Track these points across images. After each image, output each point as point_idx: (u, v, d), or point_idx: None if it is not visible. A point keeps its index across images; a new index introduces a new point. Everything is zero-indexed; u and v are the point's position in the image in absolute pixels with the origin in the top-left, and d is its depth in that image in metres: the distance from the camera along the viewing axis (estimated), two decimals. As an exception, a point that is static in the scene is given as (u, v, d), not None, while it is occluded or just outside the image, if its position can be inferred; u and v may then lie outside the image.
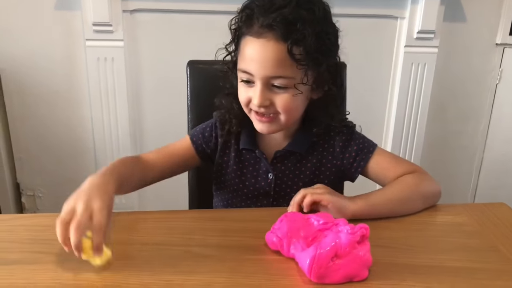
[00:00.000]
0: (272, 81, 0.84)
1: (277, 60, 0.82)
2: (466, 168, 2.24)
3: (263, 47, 0.82)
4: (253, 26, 0.83)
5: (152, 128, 1.94)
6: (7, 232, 0.79)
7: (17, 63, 1.79)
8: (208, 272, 0.68)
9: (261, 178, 0.97)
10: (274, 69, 0.82)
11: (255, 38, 0.82)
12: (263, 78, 0.83)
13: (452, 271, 0.70)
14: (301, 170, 0.97)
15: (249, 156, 0.98)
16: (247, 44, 0.84)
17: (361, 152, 0.95)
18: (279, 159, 0.96)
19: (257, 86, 0.84)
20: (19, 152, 1.92)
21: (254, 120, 0.90)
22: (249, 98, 0.87)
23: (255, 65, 0.83)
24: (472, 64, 2.05)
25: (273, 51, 0.81)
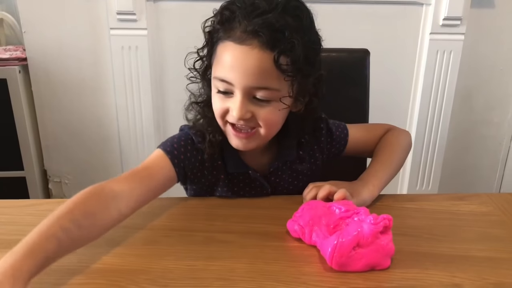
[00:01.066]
0: (254, 92, 0.75)
1: (261, 70, 0.73)
2: (492, 158, 2.19)
3: (246, 55, 0.73)
4: (233, 30, 0.74)
5: (175, 115, 1.94)
6: (36, 217, 0.80)
7: (44, 53, 1.83)
8: (230, 258, 0.69)
9: (255, 192, 0.92)
10: (258, 80, 0.74)
11: (236, 44, 0.74)
12: (244, 88, 0.75)
13: (476, 261, 0.70)
14: (294, 176, 0.94)
15: (242, 177, 0.90)
16: (226, 50, 0.75)
17: (339, 138, 0.97)
18: (273, 173, 0.91)
19: (236, 96, 0.75)
20: (46, 140, 1.96)
21: (230, 134, 0.81)
22: (226, 109, 0.78)
23: (236, 74, 0.74)
24: (500, 52, 1.99)
25: (258, 59, 0.73)
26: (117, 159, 1.99)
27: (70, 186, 2.04)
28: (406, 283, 0.64)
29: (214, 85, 0.79)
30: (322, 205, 0.77)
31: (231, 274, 0.65)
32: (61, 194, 2.04)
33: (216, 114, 0.81)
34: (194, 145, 0.86)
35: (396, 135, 0.98)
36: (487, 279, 0.65)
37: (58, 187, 2.05)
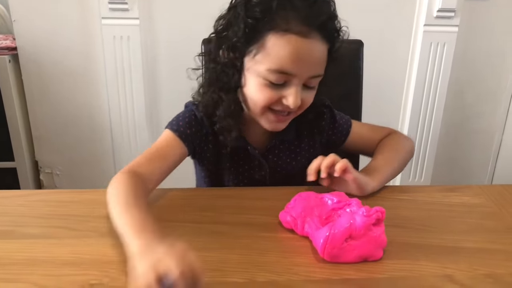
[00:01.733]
0: (308, 80, 0.81)
1: (321, 60, 0.80)
2: (484, 151, 2.21)
3: (311, 48, 0.77)
4: (290, 22, 0.75)
5: (168, 105, 1.94)
6: (27, 207, 0.80)
7: (35, 42, 1.80)
8: (222, 248, 0.69)
9: (254, 171, 0.95)
10: (317, 69, 0.81)
11: (300, 37, 0.75)
12: (305, 78, 0.80)
13: (468, 252, 0.70)
14: (292, 157, 0.96)
15: (241, 152, 0.93)
16: (288, 43, 0.75)
17: (342, 128, 0.99)
18: (270, 150, 0.94)
19: (293, 86, 0.79)
20: (37, 130, 1.94)
21: (269, 120, 0.85)
22: (275, 99, 0.80)
23: (301, 66, 0.77)
24: (494, 44, 2.00)
25: (320, 51, 0.79)
26: (109, 149, 1.98)
27: (62, 177, 2.03)
28: (398, 274, 0.65)
29: (263, 77, 0.79)
30: (315, 196, 0.77)
31: (223, 265, 0.65)
32: (52, 185, 2.03)
33: (260, 104, 0.82)
34: (198, 120, 0.90)
35: (401, 139, 0.98)
36: (478, 269, 0.66)
37: (49, 178, 2.03)
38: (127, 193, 0.73)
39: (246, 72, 0.82)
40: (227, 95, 0.86)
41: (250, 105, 0.85)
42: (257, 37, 0.78)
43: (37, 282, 0.61)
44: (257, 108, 0.83)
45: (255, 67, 0.80)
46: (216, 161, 0.94)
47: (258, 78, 0.80)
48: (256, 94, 0.82)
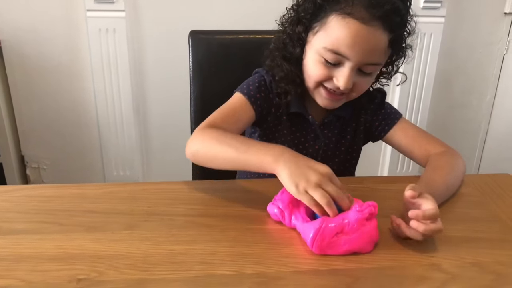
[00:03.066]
0: (363, 66, 0.82)
1: (378, 49, 0.81)
2: (471, 140, 2.23)
3: (370, 35, 0.78)
4: (354, 6, 0.77)
5: (155, 98, 1.93)
6: (12, 203, 0.79)
7: (18, 35, 1.78)
8: (211, 241, 0.69)
9: (309, 144, 0.98)
10: (373, 57, 0.81)
11: (360, 23, 0.77)
12: (358, 63, 0.81)
13: (455, 241, 0.71)
14: (342, 135, 0.99)
15: (299, 120, 0.96)
16: (347, 27, 0.78)
17: (388, 117, 0.98)
18: (326, 124, 0.97)
19: (346, 68, 0.81)
20: (23, 125, 1.92)
21: (320, 95, 0.88)
22: (328, 77, 0.84)
23: (356, 51, 0.79)
24: (480, 34, 2.01)
25: (379, 40, 0.79)
26: (96, 143, 1.96)
27: (48, 172, 2.01)
28: (386, 264, 0.65)
29: (319, 54, 0.83)
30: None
31: (211, 257, 0.65)
32: (39, 180, 2.01)
33: (313, 78, 0.86)
34: (266, 85, 0.94)
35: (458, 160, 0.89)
36: (464, 258, 0.67)
37: (36, 173, 2.01)
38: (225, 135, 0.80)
39: (307, 47, 0.87)
40: (289, 65, 0.89)
41: (306, 80, 0.89)
42: (321, 15, 0.82)
43: (24, 278, 0.60)
44: (311, 83, 0.87)
45: (314, 43, 0.84)
46: (275, 126, 0.97)
47: (315, 54, 0.84)
48: (311, 69, 0.86)
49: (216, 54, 1.14)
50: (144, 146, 2.01)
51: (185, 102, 1.25)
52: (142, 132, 1.98)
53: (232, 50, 1.14)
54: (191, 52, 1.15)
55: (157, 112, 1.95)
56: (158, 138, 2.00)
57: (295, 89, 0.91)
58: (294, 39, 0.88)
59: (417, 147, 0.94)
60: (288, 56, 0.90)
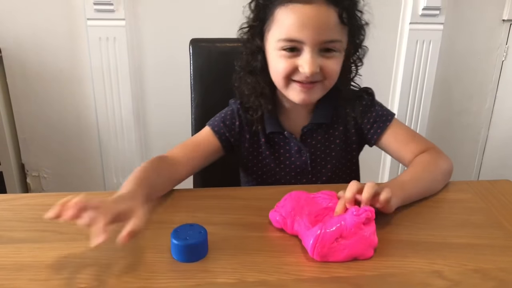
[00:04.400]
0: (323, 46, 0.83)
1: (329, 25, 0.82)
2: (471, 146, 2.23)
3: (315, 12, 0.80)
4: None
5: (155, 107, 1.93)
6: (12, 212, 0.79)
7: (19, 43, 1.78)
8: (212, 249, 0.68)
9: (295, 158, 0.97)
10: (327, 34, 0.82)
11: (302, 4, 0.80)
12: (316, 43, 0.82)
13: (456, 248, 0.70)
14: (331, 140, 0.97)
15: (278, 138, 0.97)
16: (292, 12, 0.81)
17: (380, 119, 0.96)
18: (307, 134, 0.96)
19: (306, 53, 0.82)
20: (23, 133, 1.92)
21: (294, 91, 0.87)
22: (293, 68, 0.84)
23: (308, 31, 0.80)
24: (478, 41, 2.02)
25: (326, 16, 0.81)
26: (96, 151, 1.96)
27: (49, 180, 2.01)
28: (387, 271, 0.65)
29: (277, 48, 0.84)
30: (305, 195, 0.76)
31: (213, 265, 0.65)
32: (40, 188, 2.01)
33: (280, 75, 0.86)
34: (235, 115, 0.96)
35: (438, 158, 0.91)
36: (466, 265, 0.66)
37: (36, 181, 2.01)
38: (143, 167, 0.81)
39: (267, 52, 0.89)
40: (255, 77, 0.91)
41: (275, 81, 0.89)
42: (268, 15, 0.85)
43: (25, 287, 0.60)
44: (280, 81, 0.87)
45: (270, 42, 0.86)
46: (256, 150, 0.98)
47: (274, 51, 0.85)
48: (275, 67, 0.86)
49: (216, 62, 1.14)
50: (144, 153, 2.01)
51: (185, 110, 1.26)
52: (143, 140, 1.98)
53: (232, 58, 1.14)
54: (191, 60, 1.15)
55: (158, 120, 1.95)
56: (158, 146, 2.00)
57: (266, 103, 0.92)
58: (254, 51, 0.90)
59: (407, 152, 0.94)
60: (252, 70, 0.92)
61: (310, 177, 0.98)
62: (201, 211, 0.80)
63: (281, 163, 0.98)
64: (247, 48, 0.91)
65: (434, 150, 0.93)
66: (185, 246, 0.65)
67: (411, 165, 0.90)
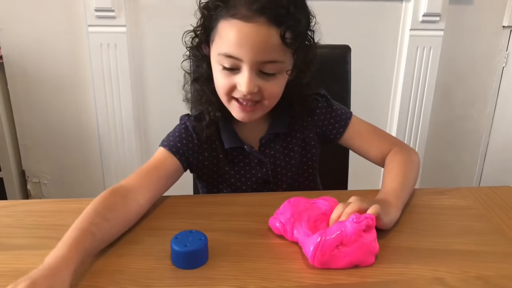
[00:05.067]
0: (262, 66, 0.79)
1: (269, 45, 0.77)
2: (472, 152, 2.23)
3: (254, 32, 0.76)
4: (237, 7, 0.76)
5: (156, 112, 1.93)
6: (13, 218, 0.79)
7: (21, 50, 1.79)
8: (213, 256, 0.68)
9: (255, 170, 0.95)
10: (266, 54, 0.77)
11: (243, 22, 0.76)
12: (253, 63, 0.78)
13: (458, 254, 0.70)
14: (290, 148, 0.96)
15: (237, 152, 0.94)
16: (232, 28, 0.77)
17: (340, 118, 0.96)
18: (265, 145, 0.94)
19: (244, 72, 0.78)
20: (24, 139, 1.92)
21: (235, 109, 0.84)
22: (232, 85, 0.81)
23: (245, 50, 0.76)
24: (478, 47, 2.02)
25: (266, 35, 0.76)
26: (97, 157, 1.96)
27: (49, 186, 2.01)
28: (389, 278, 0.64)
29: (218, 62, 0.81)
30: (304, 201, 0.76)
31: (213, 272, 0.65)
32: (40, 195, 2.01)
33: (220, 91, 0.83)
34: (190, 132, 0.91)
35: (408, 154, 0.92)
36: (468, 272, 0.66)
37: (37, 188, 2.01)
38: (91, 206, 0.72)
39: (211, 62, 0.85)
40: (200, 84, 0.89)
41: (219, 95, 0.86)
42: (212, 25, 0.81)
43: (24, 294, 0.60)
44: (222, 96, 0.85)
45: (213, 54, 0.83)
46: (215, 165, 0.95)
47: (216, 64, 0.82)
48: (217, 81, 0.84)
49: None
50: (145, 159, 2.00)
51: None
52: (143, 146, 1.98)
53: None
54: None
55: (158, 126, 1.95)
56: (159, 152, 2.00)
57: (214, 111, 0.88)
58: (199, 58, 0.88)
59: (372, 148, 0.95)
60: (197, 77, 0.90)
61: (271, 186, 0.97)
62: (201, 217, 0.80)
63: (242, 176, 0.95)
64: (193, 55, 0.89)
65: (401, 145, 0.95)
66: (185, 253, 0.65)
67: (389, 166, 0.90)
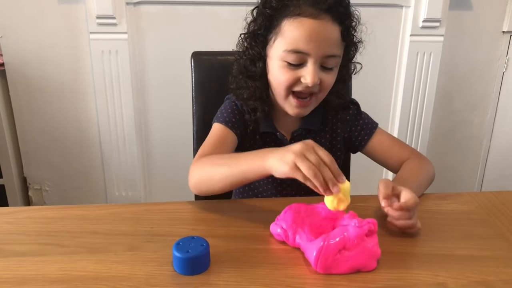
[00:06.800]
0: (324, 61, 0.87)
1: (333, 41, 0.86)
2: (473, 158, 2.22)
3: (322, 28, 0.84)
4: (301, 7, 0.84)
5: (157, 120, 1.94)
6: (14, 225, 0.79)
7: (22, 57, 1.80)
8: (215, 262, 0.68)
9: None
10: (330, 49, 0.86)
11: (311, 19, 0.84)
12: (320, 57, 0.85)
13: (460, 259, 0.70)
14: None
15: (270, 139, 1.00)
16: (300, 25, 0.84)
17: (366, 127, 1.02)
18: (297, 138, 0.99)
19: (309, 65, 0.86)
20: (26, 146, 1.92)
21: (291, 104, 0.91)
22: (295, 79, 0.87)
23: (313, 44, 0.84)
24: (479, 53, 2.03)
25: (331, 31, 0.85)
26: (99, 164, 1.96)
27: (51, 193, 2.01)
28: (391, 283, 0.64)
29: (281, 59, 0.87)
30: (305, 207, 0.76)
31: (216, 279, 0.65)
32: (41, 201, 2.01)
33: (282, 85, 0.89)
34: (239, 108, 0.98)
35: (426, 163, 0.98)
36: (470, 277, 0.66)
37: (38, 194, 2.01)
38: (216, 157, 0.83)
39: (269, 60, 0.91)
40: (254, 82, 0.94)
41: (275, 90, 0.92)
42: (274, 25, 0.88)
43: (26, 301, 0.60)
44: (281, 91, 0.90)
45: (274, 51, 0.89)
46: (252, 145, 1.00)
47: (278, 61, 0.88)
48: (278, 77, 0.89)
49: (218, 75, 1.14)
50: (146, 166, 2.01)
51: (187, 122, 1.26)
52: (144, 153, 1.99)
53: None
54: (193, 73, 1.16)
55: (159, 133, 1.96)
56: (160, 158, 2.00)
57: (262, 106, 0.95)
58: (255, 57, 0.93)
59: (392, 158, 1.00)
60: (251, 75, 0.94)
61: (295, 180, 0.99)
62: (203, 223, 0.80)
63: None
64: (247, 54, 0.94)
65: (420, 155, 1.00)
66: (187, 259, 0.65)
67: (405, 169, 0.95)
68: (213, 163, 0.82)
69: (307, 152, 0.68)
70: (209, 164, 0.83)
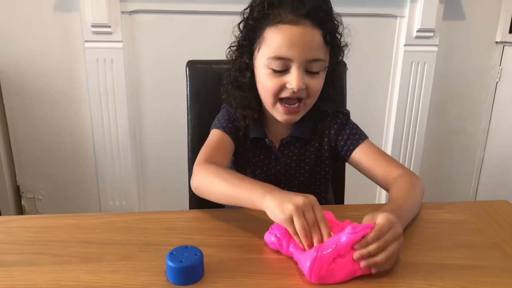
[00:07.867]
0: (308, 65, 0.88)
1: (315, 45, 0.87)
2: (467, 167, 2.23)
3: (303, 33, 0.86)
4: (281, 15, 0.86)
5: (152, 129, 1.93)
6: (6, 234, 0.78)
7: (17, 66, 1.79)
8: (209, 271, 0.68)
9: (271, 165, 1.02)
10: (313, 53, 0.87)
11: (291, 25, 0.86)
12: (303, 61, 0.87)
13: (454, 269, 0.70)
14: (306, 155, 1.02)
15: (260, 145, 1.02)
16: (281, 32, 0.86)
17: (353, 136, 1.01)
18: (285, 145, 1.01)
19: (293, 70, 0.87)
20: (19, 155, 1.91)
21: (279, 111, 0.92)
22: (280, 85, 0.89)
23: (295, 49, 0.86)
24: (472, 63, 2.04)
25: (312, 35, 0.87)
26: (92, 173, 1.96)
27: (44, 202, 1.99)
28: (386, 293, 0.64)
29: (266, 66, 0.89)
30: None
31: (209, 288, 0.64)
32: (35, 210, 1.99)
33: (269, 92, 0.91)
34: (233, 116, 1.01)
35: (416, 179, 0.91)
36: (465, 286, 0.66)
37: (31, 204, 1.99)
38: (223, 171, 0.84)
39: (255, 69, 0.93)
40: (242, 92, 0.97)
41: (263, 98, 0.95)
42: (257, 35, 0.90)
43: (16, 312, 0.59)
44: (268, 99, 0.92)
45: (260, 60, 0.91)
46: (244, 151, 1.02)
47: (263, 69, 0.90)
48: (264, 84, 0.91)
49: (213, 84, 1.14)
50: (141, 175, 2.00)
51: (181, 131, 1.26)
52: (139, 162, 1.98)
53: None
54: (188, 81, 1.16)
55: (154, 142, 1.95)
56: (155, 167, 1.99)
57: (252, 114, 0.97)
58: (243, 68, 0.95)
59: (378, 169, 0.96)
60: (240, 85, 0.97)
61: (282, 186, 1.03)
62: (197, 233, 0.80)
63: (259, 167, 1.03)
64: (236, 65, 0.97)
65: (408, 171, 0.95)
66: (181, 268, 0.64)
67: (395, 188, 0.89)
68: (219, 176, 0.83)
69: (306, 209, 0.68)
70: (215, 175, 0.83)
